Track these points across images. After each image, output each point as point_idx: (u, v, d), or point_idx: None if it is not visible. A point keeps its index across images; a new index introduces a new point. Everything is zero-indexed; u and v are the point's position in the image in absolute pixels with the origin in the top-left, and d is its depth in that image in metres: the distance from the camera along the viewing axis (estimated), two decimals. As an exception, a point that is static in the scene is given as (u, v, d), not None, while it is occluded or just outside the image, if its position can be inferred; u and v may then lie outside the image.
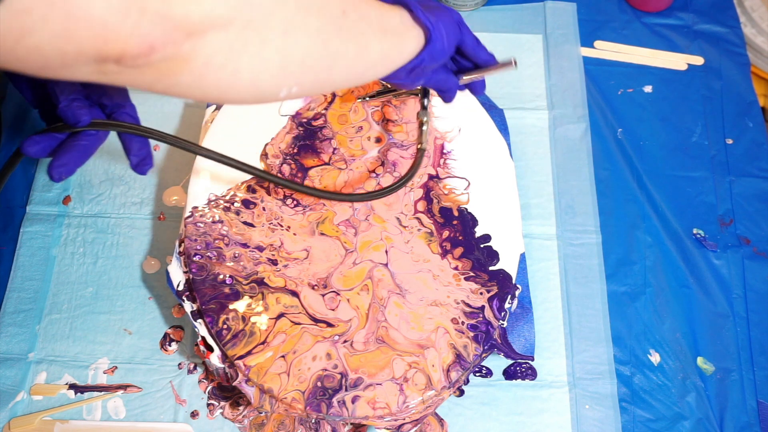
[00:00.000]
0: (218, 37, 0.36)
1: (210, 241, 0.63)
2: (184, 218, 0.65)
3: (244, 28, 0.37)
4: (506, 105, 0.79)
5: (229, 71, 0.38)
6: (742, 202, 0.76)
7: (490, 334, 0.62)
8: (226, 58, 0.38)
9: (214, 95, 0.41)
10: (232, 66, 0.38)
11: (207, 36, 0.36)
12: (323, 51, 0.43)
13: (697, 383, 0.67)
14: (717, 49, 0.85)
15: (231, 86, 0.40)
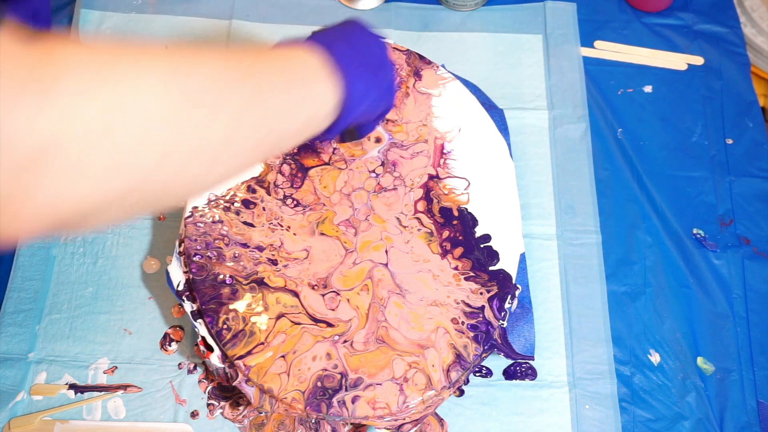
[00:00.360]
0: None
1: (210, 241, 0.63)
2: (184, 218, 0.65)
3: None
4: (506, 105, 0.79)
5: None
6: (742, 202, 0.76)
7: (490, 334, 0.62)
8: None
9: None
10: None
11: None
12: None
13: (697, 383, 0.67)
14: (717, 49, 0.85)
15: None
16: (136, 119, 0.33)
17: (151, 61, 0.35)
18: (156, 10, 0.83)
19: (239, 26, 0.82)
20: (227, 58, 0.38)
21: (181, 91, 0.35)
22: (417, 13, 0.84)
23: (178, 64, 0.36)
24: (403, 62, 0.74)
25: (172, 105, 0.34)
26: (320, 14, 0.84)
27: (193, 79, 0.36)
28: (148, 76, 0.34)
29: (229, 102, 0.37)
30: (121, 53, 0.34)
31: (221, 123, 0.37)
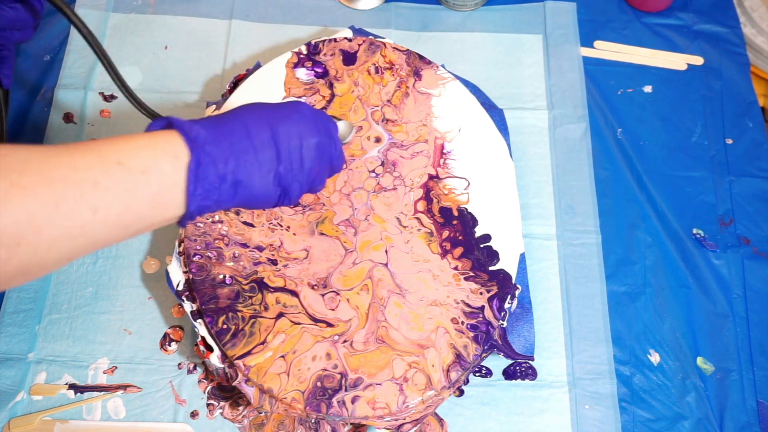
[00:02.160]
0: None
1: (210, 241, 0.63)
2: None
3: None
4: (506, 105, 0.79)
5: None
6: (742, 202, 0.76)
7: (490, 334, 0.62)
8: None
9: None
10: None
11: None
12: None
13: (697, 383, 0.67)
14: (717, 49, 0.85)
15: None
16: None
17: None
18: (156, 10, 0.83)
19: (239, 26, 0.82)
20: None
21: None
22: (417, 13, 0.84)
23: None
24: (402, 62, 0.74)
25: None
26: (320, 14, 0.84)
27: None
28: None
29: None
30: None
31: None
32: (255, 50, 0.81)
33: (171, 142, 0.43)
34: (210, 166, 0.43)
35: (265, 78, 0.73)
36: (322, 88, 0.72)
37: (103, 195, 0.39)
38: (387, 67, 0.74)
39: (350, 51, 0.74)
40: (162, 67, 0.79)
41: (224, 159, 0.44)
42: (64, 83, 0.77)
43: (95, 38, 0.52)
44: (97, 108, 0.76)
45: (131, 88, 0.54)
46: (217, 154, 0.43)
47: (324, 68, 0.73)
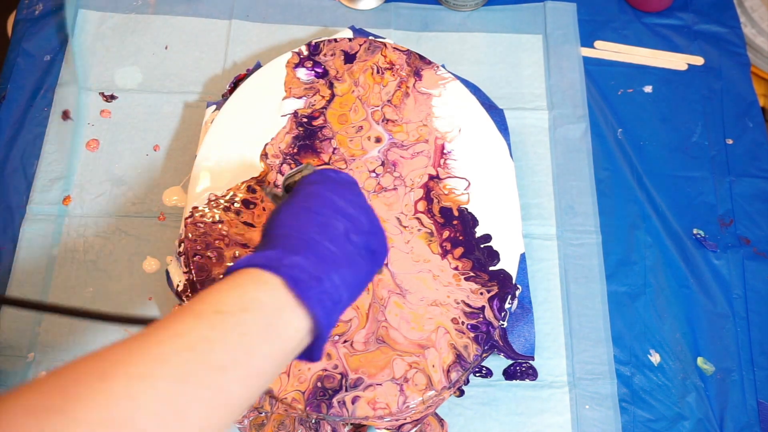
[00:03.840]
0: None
1: (210, 241, 0.63)
2: (184, 218, 0.65)
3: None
4: (506, 105, 0.79)
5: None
6: (742, 203, 0.76)
7: (491, 334, 0.62)
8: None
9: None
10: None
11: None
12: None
13: (698, 383, 0.67)
14: (717, 49, 0.85)
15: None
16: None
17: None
18: (156, 10, 0.83)
19: (239, 26, 0.82)
20: (207, 343, 0.37)
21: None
22: (417, 13, 0.84)
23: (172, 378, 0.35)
24: (403, 62, 0.74)
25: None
26: (320, 14, 0.84)
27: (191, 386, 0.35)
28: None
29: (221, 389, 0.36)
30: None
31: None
32: (255, 50, 0.81)
33: (250, 275, 0.41)
34: (300, 272, 0.41)
35: (265, 78, 0.73)
36: (322, 88, 0.72)
37: (217, 348, 0.36)
38: (387, 67, 0.74)
39: (350, 51, 0.74)
40: (162, 67, 0.79)
41: (306, 261, 0.42)
42: (64, 83, 0.77)
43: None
44: (97, 108, 0.76)
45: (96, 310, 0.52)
46: (297, 261, 0.42)
47: (324, 68, 0.73)
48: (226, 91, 0.74)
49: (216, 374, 0.36)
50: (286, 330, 0.40)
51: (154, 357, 0.35)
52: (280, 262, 0.41)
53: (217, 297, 0.39)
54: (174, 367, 0.34)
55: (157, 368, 0.34)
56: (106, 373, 0.33)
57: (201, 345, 0.36)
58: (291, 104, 0.71)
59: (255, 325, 0.39)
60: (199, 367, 0.35)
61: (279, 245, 0.43)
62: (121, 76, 0.79)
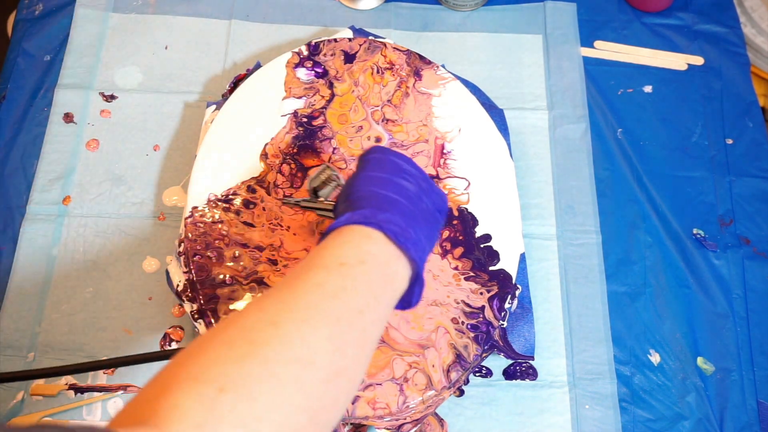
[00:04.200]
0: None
1: (210, 241, 0.63)
2: (184, 218, 0.65)
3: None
4: (506, 105, 0.79)
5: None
6: (742, 202, 0.76)
7: (491, 334, 0.62)
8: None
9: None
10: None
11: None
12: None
13: (697, 383, 0.67)
14: (717, 49, 0.85)
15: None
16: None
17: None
18: (156, 10, 0.83)
19: (239, 26, 0.82)
20: (339, 294, 0.42)
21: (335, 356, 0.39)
22: (417, 13, 0.84)
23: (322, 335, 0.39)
24: (403, 62, 0.74)
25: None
26: (320, 14, 0.84)
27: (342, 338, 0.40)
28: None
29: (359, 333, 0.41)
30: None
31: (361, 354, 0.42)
32: (255, 50, 0.81)
33: (355, 232, 0.46)
34: (395, 226, 0.46)
35: (265, 78, 0.73)
36: (322, 88, 0.72)
37: (353, 295, 0.42)
38: (387, 67, 0.74)
39: (350, 51, 0.74)
40: (162, 67, 0.79)
41: (396, 217, 0.47)
42: (64, 83, 0.77)
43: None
44: (97, 108, 0.76)
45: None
46: (390, 217, 0.47)
47: (324, 68, 0.73)
48: (226, 91, 0.74)
49: (357, 317, 0.41)
50: (396, 277, 0.46)
51: (308, 304, 0.40)
52: (376, 218, 0.46)
53: (336, 251, 0.44)
54: (327, 312, 0.40)
55: (314, 314, 0.39)
56: (276, 321, 0.38)
57: (341, 293, 0.41)
58: (291, 104, 0.71)
59: (375, 275, 0.44)
60: (344, 311, 0.40)
61: (367, 205, 0.48)
62: (121, 76, 0.79)
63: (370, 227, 0.46)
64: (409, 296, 0.48)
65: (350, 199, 0.50)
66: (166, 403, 0.34)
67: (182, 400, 0.34)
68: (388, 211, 0.47)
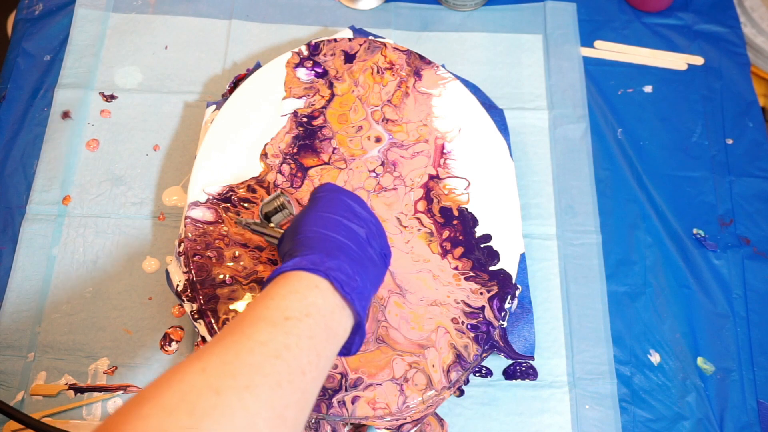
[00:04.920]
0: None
1: (210, 241, 0.63)
2: (184, 218, 0.65)
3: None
4: (506, 105, 0.79)
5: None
6: (742, 202, 0.76)
7: (491, 334, 0.62)
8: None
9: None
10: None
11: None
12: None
13: (697, 383, 0.67)
14: (717, 49, 0.85)
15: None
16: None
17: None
18: (156, 10, 0.83)
19: (239, 26, 0.82)
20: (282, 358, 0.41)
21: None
22: (417, 13, 0.84)
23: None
24: (403, 62, 0.74)
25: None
26: (320, 14, 0.84)
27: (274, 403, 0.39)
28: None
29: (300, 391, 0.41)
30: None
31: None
32: (255, 50, 0.81)
33: (302, 280, 0.45)
34: (343, 275, 0.46)
35: (265, 78, 0.73)
36: (322, 88, 0.72)
37: (297, 353, 0.41)
38: (387, 67, 0.74)
39: (350, 51, 0.74)
40: (162, 67, 0.79)
41: (343, 264, 0.47)
42: (64, 83, 0.77)
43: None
44: (98, 108, 0.76)
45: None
46: (338, 264, 0.46)
47: (324, 68, 0.73)
48: (226, 91, 0.74)
49: (299, 378, 0.40)
50: (338, 329, 0.45)
51: (251, 367, 0.39)
52: (324, 266, 0.45)
53: (280, 303, 0.43)
54: (269, 376, 0.39)
55: (256, 378, 0.38)
56: (218, 389, 0.37)
57: (284, 352, 0.40)
58: (291, 104, 0.71)
59: (318, 329, 0.43)
60: (286, 373, 0.40)
61: (316, 249, 0.47)
62: (121, 76, 0.79)
63: (317, 275, 0.45)
64: (349, 345, 0.48)
65: (298, 239, 0.49)
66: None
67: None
68: (336, 257, 0.47)
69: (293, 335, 0.41)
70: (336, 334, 0.45)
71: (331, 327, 0.44)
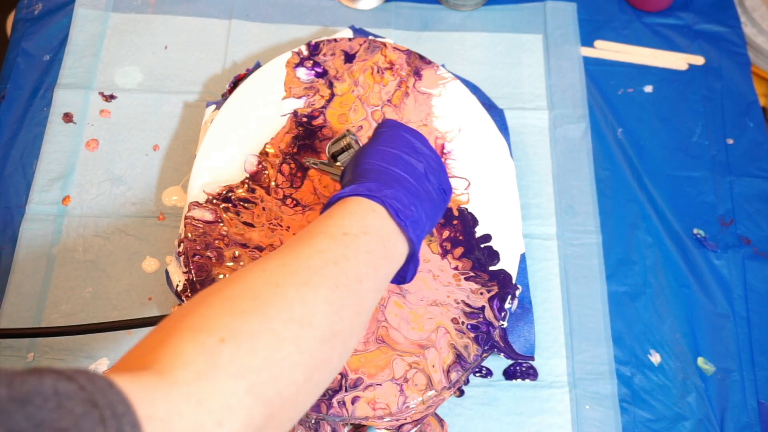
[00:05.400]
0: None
1: (210, 242, 0.63)
2: (184, 218, 0.65)
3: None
4: (506, 105, 0.78)
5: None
6: (742, 202, 0.76)
7: (491, 334, 0.62)
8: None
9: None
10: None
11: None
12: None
13: (698, 383, 0.67)
14: (717, 48, 0.85)
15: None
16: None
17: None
18: (156, 10, 0.83)
19: (239, 26, 0.82)
20: (338, 265, 0.43)
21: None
22: (417, 13, 0.84)
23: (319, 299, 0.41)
24: (403, 62, 0.74)
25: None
26: (320, 14, 0.84)
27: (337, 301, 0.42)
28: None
29: (353, 304, 0.43)
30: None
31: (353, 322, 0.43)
32: (255, 50, 0.81)
33: (360, 204, 0.48)
34: (398, 203, 0.48)
35: (265, 78, 0.73)
36: (322, 87, 0.72)
37: (354, 264, 0.43)
38: (387, 67, 0.74)
39: (350, 51, 0.74)
40: (162, 67, 0.79)
41: (399, 194, 0.49)
42: (63, 83, 0.77)
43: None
44: (97, 108, 0.76)
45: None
46: (393, 194, 0.49)
47: (324, 68, 0.73)
48: (226, 91, 0.74)
49: (356, 285, 0.43)
50: (395, 252, 0.48)
51: (310, 268, 0.41)
52: (381, 193, 0.48)
53: (340, 221, 0.46)
54: (327, 278, 0.41)
55: (315, 278, 0.41)
56: (278, 283, 0.40)
57: (342, 261, 0.43)
58: (291, 104, 0.71)
59: (375, 247, 0.45)
60: (344, 278, 0.42)
61: (374, 179, 0.49)
62: (120, 76, 0.79)
63: (374, 201, 0.48)
64: (404, 272, 0.50)
65: (357, 171, 0.51)
66: (167, 351, 0.35)
67: (184, 348, 0.35)
68: (393, 187, 0.49)
69: (351, 248, 0.44)
70: (392, 255, 0.47)
71: (388, 248, 0.47)
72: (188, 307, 0.39)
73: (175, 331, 0.36)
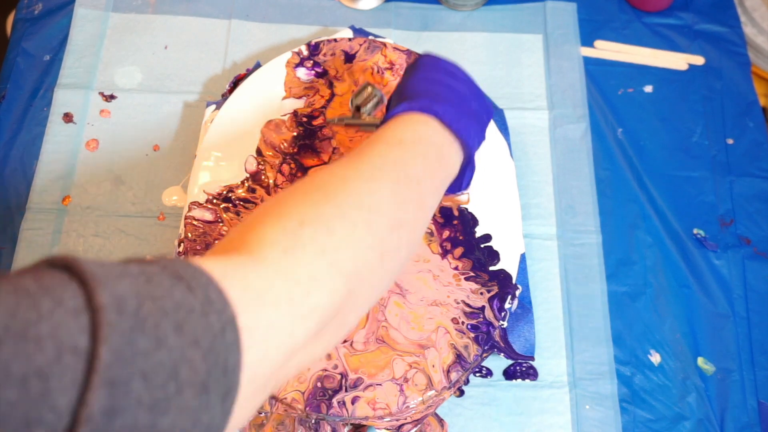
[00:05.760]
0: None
1: (210, 242, 0.63)
2: (184, 218, 0.65)
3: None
4: (506, 105, 0.78)
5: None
6: (742, 202, 0.76)
7: (491, 334, 0.62)
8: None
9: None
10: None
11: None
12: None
13: (698, 383, 0.67)
14: (717, 48, 0.85)
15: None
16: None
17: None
18: (156, 10, 0.83)
19: (239, 26, 0.82)
20: (398, 169, 0.46)
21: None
22: (417, 13, 0.84)
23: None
24: (403, 62, 0.74)
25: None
26: (320, 14, 0.84)
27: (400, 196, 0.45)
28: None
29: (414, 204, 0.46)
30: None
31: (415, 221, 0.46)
32: (255, 50, 0.81)
33: (413, 117, 0.50)
34: (451, 115, 0.50)
35: (265, 78, 0.73)
36: (322, 87, 0.72)
37: (412, 166, 0.46)
38: (387, 67, 0.74)
39: (350, 51, 0.74)
40: (162, 67, 0.79)
41: (449, 106, 0.51)
42: (63, 83, 0.77)
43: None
44: (97, 108, 0.76)
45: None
46: (445, 107, 0.50)
47: (324, 68, 0.73)
48: (226, 90, 0.74)
49: (415, 184, 0.45)
50: (449, 160, 0.50)
51: (373, 167, 0.44)
52: (433, 108, 0.50)
53: (395, 131, 0.48)
54: (390, 175, 0.44)
55: (378, 173, 0.44)
56: (346, 178, 0.43)
57: (400, 163, 0.46)
58: (291, 104, 0.71)
59: (431, 153, 0.48)
60: (404, 177, 0.45)
61: (424, 97, 0.51)
62: (120, 76, 0.79)
63: (427, 114, 0.49)
64: (461, 179, 0.53)
65: (405, 94, 0.53)
66: (254, 235, 0.38)
67: (267, 231, 0.38)
68: (442, 104, 0.51)
69: (408, 153, 0.47)
70: (447, 163, 0.50)
71: (442, 155, 0.49)
72: (263, 206, 0.42)
73: (257, 221, 0.39)
